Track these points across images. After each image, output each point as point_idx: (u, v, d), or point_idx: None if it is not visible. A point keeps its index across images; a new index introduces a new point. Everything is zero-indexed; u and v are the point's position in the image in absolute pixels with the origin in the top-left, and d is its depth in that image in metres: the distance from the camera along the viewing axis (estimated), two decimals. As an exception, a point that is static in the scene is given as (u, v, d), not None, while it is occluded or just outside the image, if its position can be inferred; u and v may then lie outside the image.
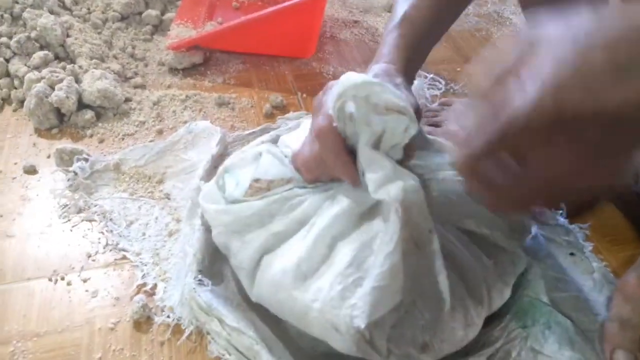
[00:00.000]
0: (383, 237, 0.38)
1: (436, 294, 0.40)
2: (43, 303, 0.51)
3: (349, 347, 0.39)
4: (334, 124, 0.39)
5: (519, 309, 0.47)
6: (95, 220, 0.59)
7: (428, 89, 0.81)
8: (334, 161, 0.41)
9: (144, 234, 0.58)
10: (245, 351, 0.45)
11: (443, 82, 0.83)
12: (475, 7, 1.06)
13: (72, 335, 0.49)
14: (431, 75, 0.83)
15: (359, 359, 0.40)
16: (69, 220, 0.59)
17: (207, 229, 0.52)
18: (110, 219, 0.59)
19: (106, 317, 0.50)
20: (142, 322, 0.50)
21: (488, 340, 0.44)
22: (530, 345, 0.45)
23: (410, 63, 0.51)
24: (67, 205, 0.60)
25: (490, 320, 0.45)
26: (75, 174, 0.62)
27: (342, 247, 0.41)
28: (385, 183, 0.38)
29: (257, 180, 0.47)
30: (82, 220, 0.59)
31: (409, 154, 0.42)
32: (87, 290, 0.52)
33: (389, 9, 1.04)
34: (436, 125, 0.70)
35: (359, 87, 0.37)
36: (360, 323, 0.37)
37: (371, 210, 0.42)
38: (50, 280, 0.53)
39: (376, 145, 0.40)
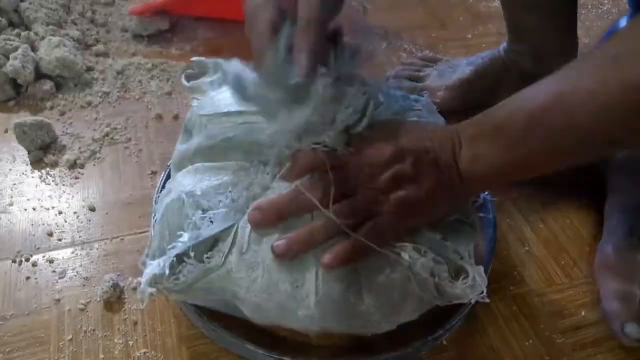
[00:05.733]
0: None
1: None
2: (7, 285, 0.49)
3: None
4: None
5: None
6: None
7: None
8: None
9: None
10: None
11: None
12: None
13: (41, 317, 0.47)
14: (406, 42, 0.81)
15: None
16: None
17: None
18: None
19: (75, 298, 0.49)
20: (113, 302, 0.48)
21: None
22: None
23: None
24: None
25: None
26: None
27: None
28: None
29: None
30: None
31: None
32: (54, 271, 0.51)
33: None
34: (418, 79, 0.69)
35: None
36: None
37: None
38: (14, 261, 0.51)
39: None
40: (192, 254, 0.40)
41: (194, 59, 0.51)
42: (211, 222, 0.41)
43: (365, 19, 0.88)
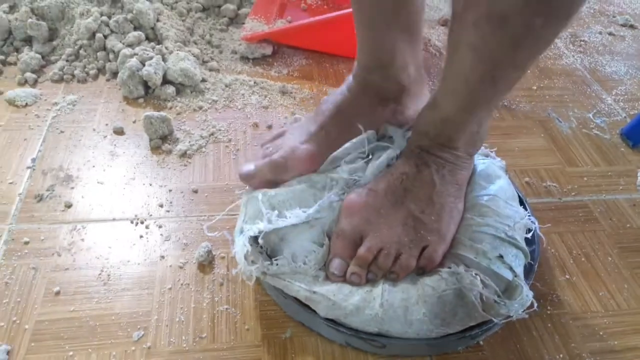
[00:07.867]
0: None
1: None
2: (125, 240, 0.61)
3: None
4: None
5: None
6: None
7: None
8: None
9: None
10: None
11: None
12: None
13: (149, 267, 0.58)
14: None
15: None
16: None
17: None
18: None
19: (176, 257, 0.59)
20: (206, 265, 0.59)
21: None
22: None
23: None
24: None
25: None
26: None
27: None
28: None
29: None
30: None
31: None
32: (161, 235, 0.62)
33: (443, 22, 1.11)
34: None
35: None
36: None
37: None
38: (131, 222, 0.63)
39: None
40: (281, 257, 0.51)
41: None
42: (280, 218, 0.52)
43: (440, 63, 0.98)
